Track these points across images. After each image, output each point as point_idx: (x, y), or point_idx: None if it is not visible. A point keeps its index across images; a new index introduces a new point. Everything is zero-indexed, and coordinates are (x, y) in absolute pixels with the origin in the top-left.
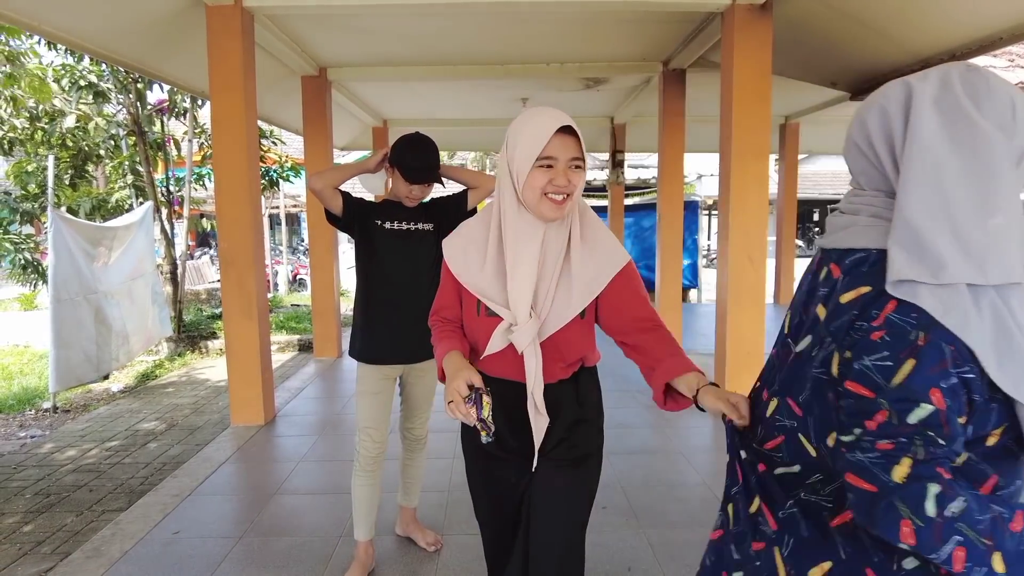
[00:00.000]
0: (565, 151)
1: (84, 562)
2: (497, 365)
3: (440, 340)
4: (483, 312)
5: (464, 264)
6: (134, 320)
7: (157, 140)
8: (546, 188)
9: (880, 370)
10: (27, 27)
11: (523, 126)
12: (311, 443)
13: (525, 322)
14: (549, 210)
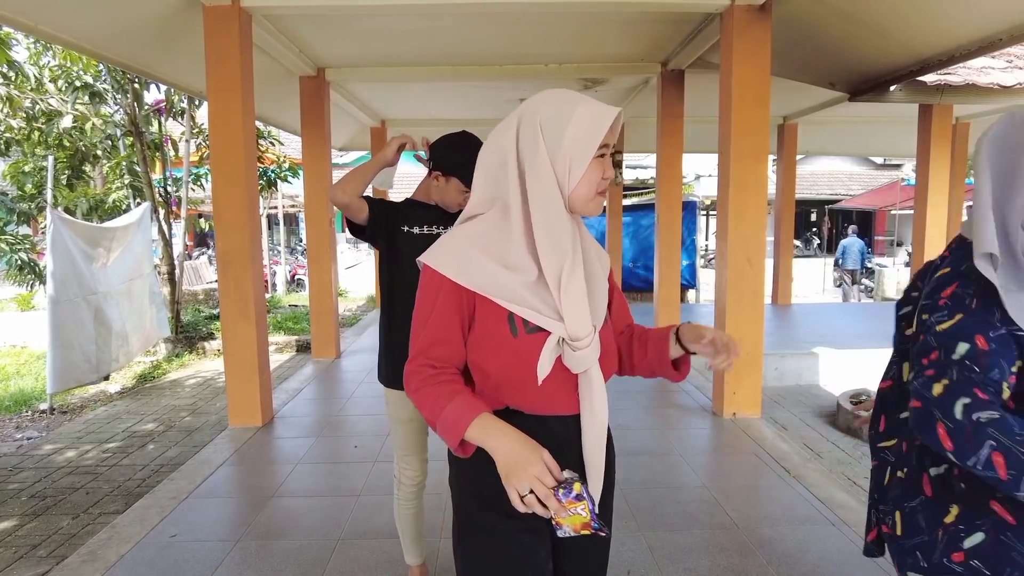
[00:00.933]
0: (614, 138)
1: (80, 566)
2: (537, 396)
3: (444, 396)
4: (521, 329)
5: (485, 276)
6: (133, 321)
7: (155, 140)
8: (599, 183)
9: (938, 321)
10: (24, 27)
11: (571, 112)
12: (309, 445)
13: (589, 335)
14: (597, 207)
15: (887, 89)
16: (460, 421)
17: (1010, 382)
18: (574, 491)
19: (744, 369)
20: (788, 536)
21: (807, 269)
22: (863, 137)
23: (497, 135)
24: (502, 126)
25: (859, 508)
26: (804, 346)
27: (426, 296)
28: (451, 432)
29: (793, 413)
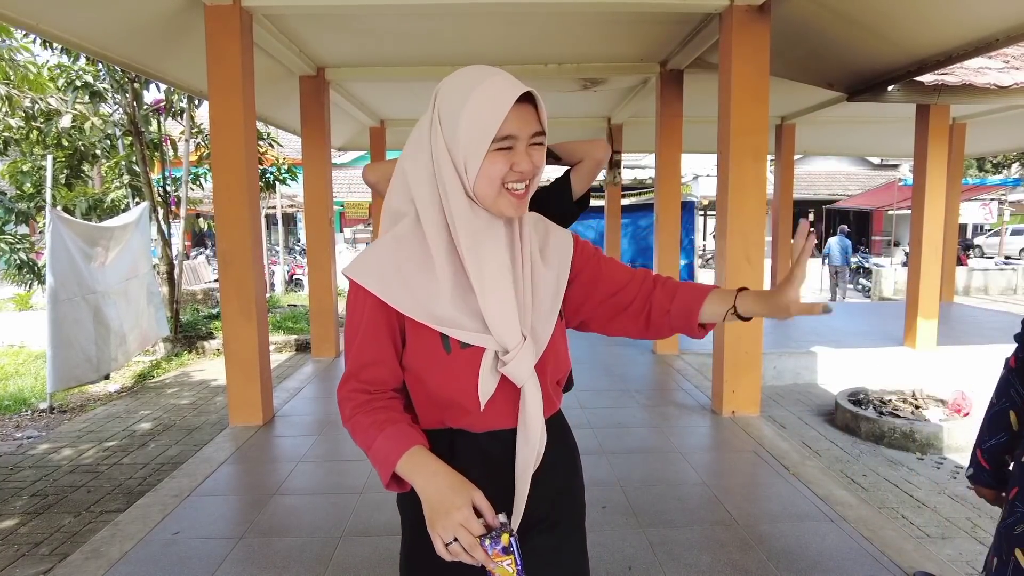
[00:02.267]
0: (526, 126)
1: (83, 563)
2: (478, 414)
3: (375, 426)
4: (455, 346)
5: (405, 290)
6: (130, 320)
7: (154, 140)
8: (507, 177)
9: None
10: (25, 27)
11: (466, 94)
12: (310, 443)
13: (518, 346)
14: (509, 206)
15: (885, 89)
16: (390, 455)
17: None
18: (501, 543)
19: (743, 368)
20: (787, 532)
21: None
22: (860, 137)
23: (415, 127)
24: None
25: (858, 505)
26: (802, 345)
27: (353, 313)
28: (382, 467)
29: (791, 411)
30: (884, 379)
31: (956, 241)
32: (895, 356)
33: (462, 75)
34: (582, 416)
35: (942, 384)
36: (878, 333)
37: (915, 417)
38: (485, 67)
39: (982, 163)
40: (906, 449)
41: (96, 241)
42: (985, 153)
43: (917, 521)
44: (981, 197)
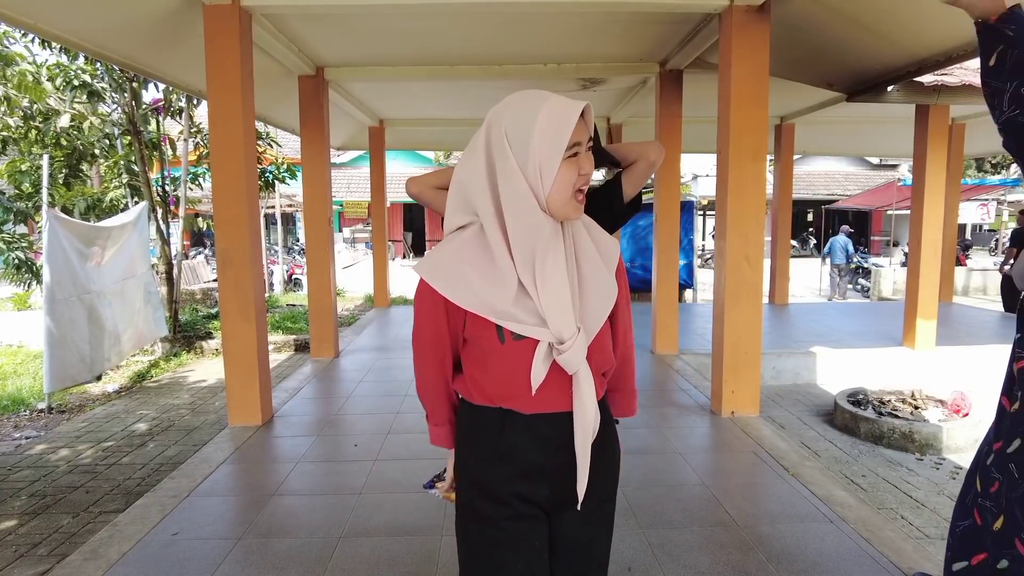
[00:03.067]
0: (584, 133)
1: (82, 564)
2: (530, 398)
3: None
4: (508, 337)
5: (468, 289)
6: (125, 320)
7: (153, 139)
8: (576, 182)
9: None
10: (24, 26)
11: (533, 116)
12: (309, 443)
13: (573, 337)
14: (575, 209)
15: (884, 90)
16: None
17: None
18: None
19: (742, 368)
20: (787, 533)
21: (804, 269)
22: (860, 137)
23: (470, 148)
24: (474, 138)
25: (857, 506)
26: (801, 345)
27: (420, 305)
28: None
29: (791, 412)
30: (883, 379)
31: (956, 241)
32: (894, 356)
33: (522, 99)
34: None
35: (941, 384)
36: (877, 333)
37: (914, 417)
38: (537, 91)
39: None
40: (905, 450)
41: (93, 241)
42: (984, 153)
43: (916, 522)
44: (980, 197)
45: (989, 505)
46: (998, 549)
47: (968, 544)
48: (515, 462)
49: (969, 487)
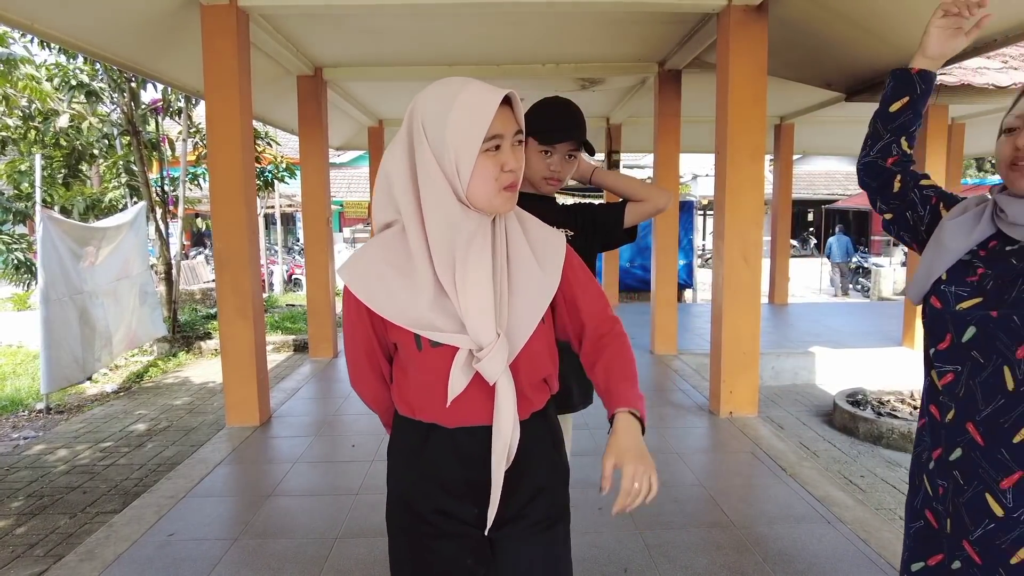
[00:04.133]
0: (509, 125)
1: (77, 565)
2: (455, 410)
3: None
4: (426, 344)
5: (386, 295)
6: (117, 321)
7: (152, 140)
8: (499, 177)
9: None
10: (21, 26)
11: (450, 102)
12: (307, 444)
13: (492, 344)
14: (504, 202)
15: (883, 89)
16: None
17: None
18: None
19: (740, 368)
20: (784, 534)
21: (804, 269)
22: (860, 137)
23: (395, 138)
24: (400, 128)
25: (855, 506)
26: (801, 345)
27: (346, 312)
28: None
29: (790, 412)
30: (882, 379)
31: None
32: (894, 356)
33: (440, 85)
34: (579, 417)
35: None
36: (877, 333)
37: (913, 418)
38: (459, 77)
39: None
40: (904, 450)
41: (87, 241)
42: (984, 153)
43: None
44: None
45: (940, 509)
46: (951, 551)
47: (925, 545)
48: (438, 480)
49: (916, 489)
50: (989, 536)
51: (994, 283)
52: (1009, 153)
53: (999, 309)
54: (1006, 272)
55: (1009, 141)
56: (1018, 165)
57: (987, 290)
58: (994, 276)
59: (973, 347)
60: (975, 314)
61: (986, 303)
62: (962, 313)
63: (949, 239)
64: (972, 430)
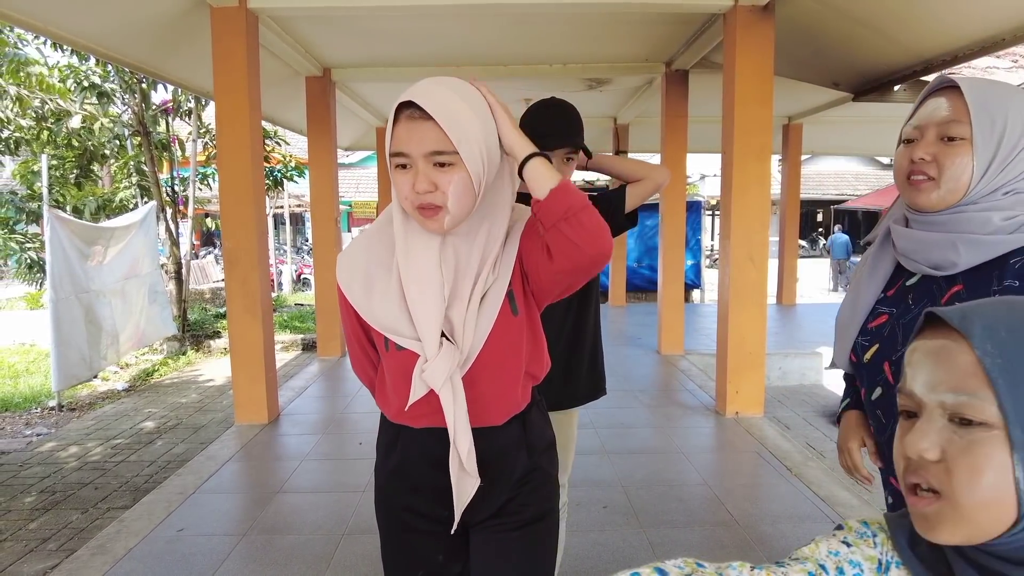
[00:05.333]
0: (419, 143)
1: (89, 559)
2: (421, 411)
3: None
4: (392, 346)
5: (364, 290)
6: (124, 320)
7: (162, 140)
8: (411, 197)
9: None
10: (35, 29)
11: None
12: (314, 442)
13: (435, 355)
14: (424, 223)
15: (891, 89)
16: None
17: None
18: None
19: (747, 368)
20: (788, 533)
21: (813, 269)
22: (869, 137)
23: None
24: None
25: (860, 507)
26: (808, 346)
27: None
28: None
29: (796, 412)
30: None
31: None
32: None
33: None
34: (584, 416)
35: None
36: None
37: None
38: (436, 77)
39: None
40: None
41: (94, 240)
42: None
43: None
44: None
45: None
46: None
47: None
48: (409, 480)
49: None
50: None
51: (891, 330)
52: (906, 165)
53: (892, 368)
54: (903, 315)
55: (906, 152)
56: (913, 179)
57: (884, 337)
58: (894, 320)
59: (877, 406)
60: (880, 375)
61: (881, 351)
62: (871, 370)
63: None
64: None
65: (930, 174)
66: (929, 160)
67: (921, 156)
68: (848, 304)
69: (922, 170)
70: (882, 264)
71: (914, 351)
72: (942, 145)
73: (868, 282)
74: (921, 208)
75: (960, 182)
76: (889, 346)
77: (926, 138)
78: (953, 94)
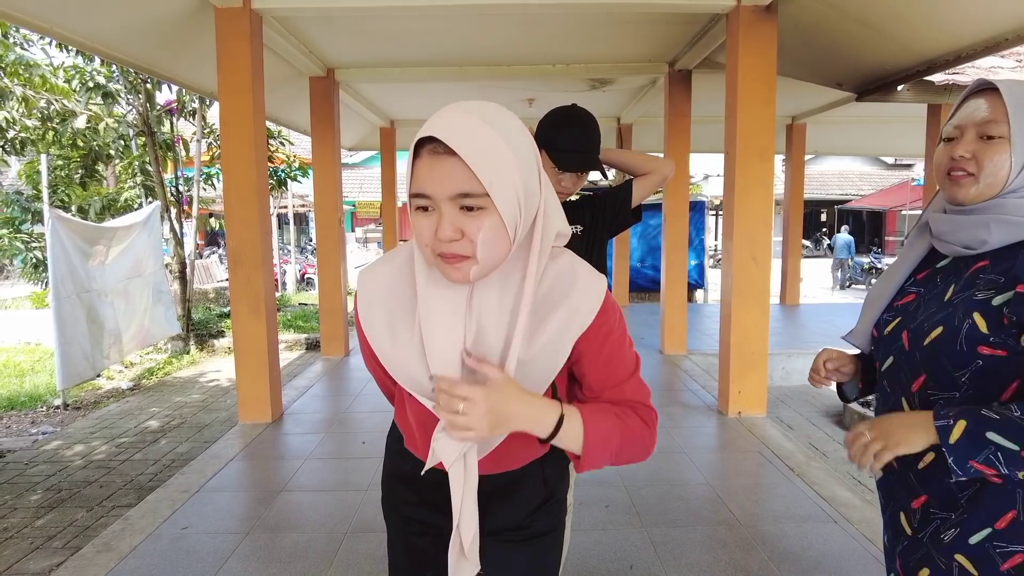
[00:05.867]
0: (443, 185)
1: (94, 556)
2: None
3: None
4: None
5: (387, 335)
6: (128, 319)
7: (166, 140)
8: (432, 243)
9: None
10: (40, 29)
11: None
12: (318, 441)
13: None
14: (446, 271)
15: (894, 89)
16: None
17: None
18: None
19: (749, 368)
20: (790, 533)
21: (816, 269)
22: (873, 137)
23: None
24: None
25: (862, 506)
26: (812, 346)
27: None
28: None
29: (799, 413)
30: None
31: None
32: None
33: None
34: None
35: None
36: None
37: None
38: (465, 102)
39: None
40: None
41: (96, 240)
42: None
43: None
44: None
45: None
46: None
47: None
48: (415, 490)
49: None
50: (905, 554)
51: (916, 305)
52: (946, 162)
53: (909, 336)
54: (930, 292)
55: (946, 150)
56: (953, 175)
57: (907, 312)
58: (922, 297)
59: (885, 376)
60: (896, 345)
61: (902, 323)
62: (888, 341)
63: (898, 264)
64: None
65: (969, 170)
66: (969, 157)
67: (961, 154)
68: (880, 284)
69: (962, 166)
70: (914, 250)
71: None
72: (981, 143)
73: (899, 264)
74: (960, 201)
75: (998, 177)
76: (911, 318)
77: (966, 137)
78: (992, 96)
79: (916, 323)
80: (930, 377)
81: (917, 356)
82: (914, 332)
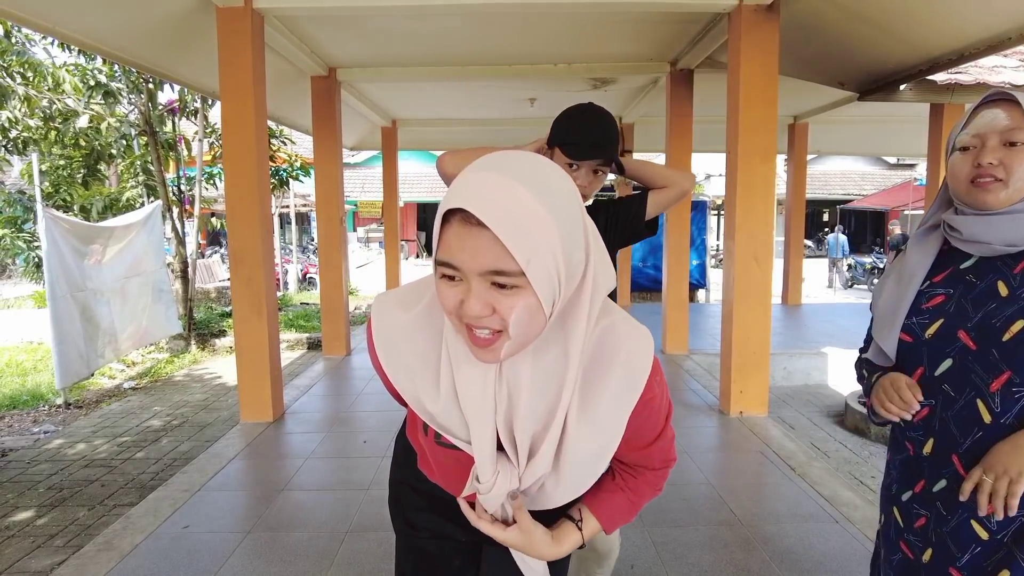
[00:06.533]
0: (475, 258)
1: (95, 555)
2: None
3: None
4: (432, 434)
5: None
6: (125, 319)
7: (168, 140)
8: (458, 314)
9: None
10: (42, 29)
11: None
12: (319, 440)
13: (490, 481)
14: (478, 352)
15: (896, 88)
16: None
17: None
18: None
19: (751, 368)
20: (791, 533)
21: (818, 269)
22: (875, 137)
23: None
24: None
25: (863, 506)
26: (813, 346)
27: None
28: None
29: (801, 412)
30: None
31: None
32: None
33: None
34: None
35: None
36: None
37: None
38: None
39: None
40: None
41: (92, 239)
42: None
43: None
44: None
45: (914, 540)
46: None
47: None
48: (431, 501)
49: (889, 522)
50: (976, 560)
51: (956, 305)
52: (969, 171)
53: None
54: (967, 291)
55: (966, 159)
56: (980, 182)
57: (948, 312)
58: (957, 297)
59: (945, 380)
60: (953, 346)
61: (949, 324)
62: (938, 344)
63: (913, 266)
64: (956, 461)
65: (998, 176)
66: (997, 164)
67: (990, 160)
68: (890, 293)
69: (990, 173)
70: (926, 253)
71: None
72: (1006, 150)
73: (914, 268)
74: (989, 207)
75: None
76: (959, 318)
77: (989, 145)
78: (1009, 105)
79: (975, 321)
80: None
81: (995, 354)
82: (979, 330)
